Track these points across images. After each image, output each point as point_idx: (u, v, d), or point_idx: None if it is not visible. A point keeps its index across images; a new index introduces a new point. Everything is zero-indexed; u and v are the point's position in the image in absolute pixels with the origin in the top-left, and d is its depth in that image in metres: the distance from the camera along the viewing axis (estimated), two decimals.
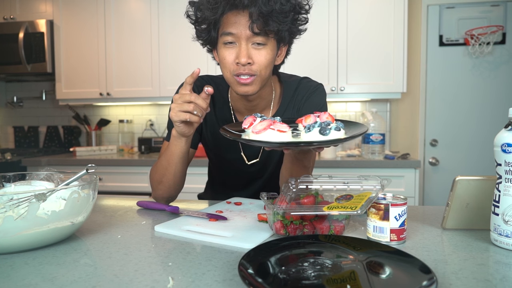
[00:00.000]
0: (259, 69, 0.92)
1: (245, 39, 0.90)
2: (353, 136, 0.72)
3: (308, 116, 0.77)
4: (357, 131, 0.76)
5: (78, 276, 0.55)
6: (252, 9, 0.86)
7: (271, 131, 0.70)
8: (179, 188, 1.04)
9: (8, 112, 3.42)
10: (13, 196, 0.61)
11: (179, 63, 2.73)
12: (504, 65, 2.68)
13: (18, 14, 2.94)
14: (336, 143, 0.70)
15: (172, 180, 1.00)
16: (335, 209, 0.69)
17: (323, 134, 0.70)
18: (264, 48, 0.92)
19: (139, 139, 2.94)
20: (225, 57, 0.93)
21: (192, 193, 1.48)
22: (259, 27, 0.88)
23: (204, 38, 0.98)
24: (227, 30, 0.91)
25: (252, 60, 0.91)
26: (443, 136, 2.79)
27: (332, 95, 2.59)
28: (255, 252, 0.58)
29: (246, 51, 0.90)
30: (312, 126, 0.71)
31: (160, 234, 0.75)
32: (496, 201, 0.67)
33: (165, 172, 0.99)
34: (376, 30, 2.52)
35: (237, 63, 0.91)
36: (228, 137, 0.75)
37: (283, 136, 0.71)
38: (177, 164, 0.97)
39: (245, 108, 1.07)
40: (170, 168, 0.98)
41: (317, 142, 0.68)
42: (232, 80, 0.95)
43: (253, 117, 0.77)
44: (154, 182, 1.03)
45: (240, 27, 0.89)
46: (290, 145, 0.71)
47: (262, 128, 0.71)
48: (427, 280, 0.49)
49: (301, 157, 0.88)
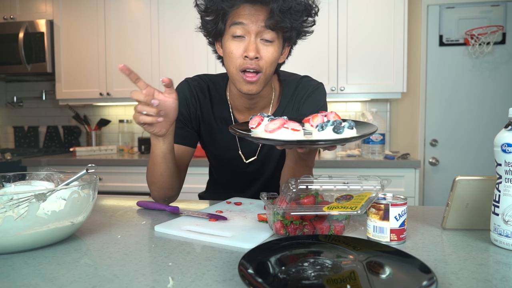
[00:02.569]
0: (265, 65, 0.92)
1: (255, 33, 0.90)
2: (366, 134, 0.72)
3: (315, 115, 0.77)
4: (366, 129, 0.76)
5: (78, 276, 0.54)
6: (273, 5, 0.86)
7: (285, 129, 0.70)
8: (173, 188, 1.02)
9: (8, 112, 3.42)
10: (13, 196, 0.61)
11: (179, 63, 2.73)
12: (504, 65, 2.68)
13: (18, 14, 2.94)
14: (351, 141, 0.71)
15: (161, 181, 0.98)
16: (335, 209, 0.69)
17: (337, 133, 0.69)
18: (272, 45, 0.92)
19: (139, 139, 2.94)
20: (232, 50, 0.92)
21: (192, 193, 1.48)
22: (274, 23, 0.88)
23: (209, 29, 0.96)
24: (238, 20, 0.90)
25: (260, 55, 0.91)
26: (443, 136, 2.79)
27: (332, 95, 2.59)
28: (255, 252, 0.58)
29: (255, 45, 0.90)
30: (325, 124, 0.70)
31: (160, 234, 0.75)
32: (496, 201, 0.67)
33: (153, 172, 0.98)
34: (376, 30, 2.52)
35: (245, 57, 0.91)
36: (244, 137, 0.74)
37: (297, 134, 0.70)
38: (160, 164, 0.95)
39: (244, 106, 1.07)
40: (156, 168, 0.96)
41: (335, 140, 0.68)
42: (238, 77, 0.94)
43: (260, 116, 0.76)
44: (149, 183, 1.02)
45: (253, 19, 0.89)
46: (306, 143, 0.70)
47: (276, 127, 0.70)
48: (427, 280, 0.49)
49: (306, 156, 0.88)
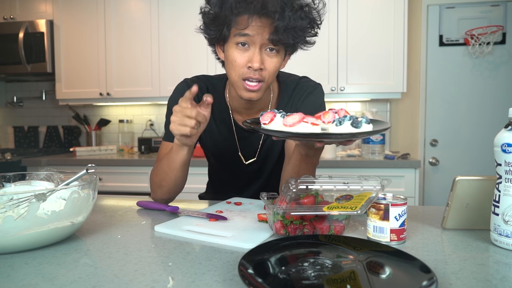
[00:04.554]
0: (268, 75, 0.93)
1: (260, 44, 0.90)
2: (381, 129, 0.73)
3: (326, 112, 0.77)
4: (380, 125, 0.77)
5: (78, 276, 0.54)
6: (279, 23, 0.85)
7: (305, 124, 0.70)
8: (178, 191, 1.04)
9: (8, 112, 3.42)
10: (13, 196, 0.61)
11: (179, 63, 2.73)
12: (504, 65, 2.68)
13: (18, 14, 2.94)
14: (370, 135, 0.72)
15: (172, 185, 0.99)
16: (335, 209, 0.69)
17: (355, 127, 0.69)
18: (276, 56, 0.92)
19: (139, 139, 2.94)
20: (236, 59, 0.91)
21: (192, 193, 1.48)
22: (278, 39, 0.88)
23: (213, 35, 0.95)
24: (244, 32, 0.89)
25: (264, 65, 0.91)
26: (443, 136, 2.79)
27: (332, 95, 2.59)
28: (255, 252, 0.58)
29: (259, 56, 0.90)
30: (343, 119, 0.70)
31: (160, 234, 0.75)
32: (496, 201, 0.67)
33: (165, 176, 0.98)
34: (376, 30, 2.52)
35: (249, 67, 0.90)
36: (264, 132, 0.74)
37: (316, 129, 0.70)
38: (178, 170, 0.96)
39: (243, 107, 1.07)
40: (171, 173, 0.97)
41: (357, 133, 0.68)
42: (239, 84, 0.94)
43: (272, 112, 0.75)
44: (154, 184, 1.02)
45: (259, 31, 0.88)
46: (332, 136, 0.70)
47: (296, 121, 0.70)
48: (427, 280, 0.49)
49: (312, 153, 0.88)
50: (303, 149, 0.86)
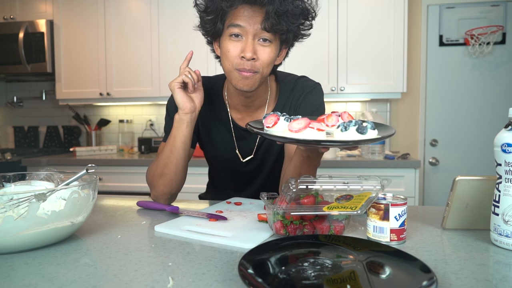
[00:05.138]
0: (262, 66, 0.93)
1: (253, 34, 0.91)
2: (386, 136, 0.72)
3: (329, 115, 0.76)
4: (385, 130, 0.76)
5: (78, 276, 0.54)
6: (269, 7, 0.86)
7: (311, 129, 0.69)
8: (180, 183, 1.03)
9: (8, 112, 3.42)
10: (13, 196, 0.61)
11: (179, 63, 2.72)
12: (504, 65, 2.68)
13: (18, 14, 2.94)
14: (374, 142, 0.71)
15: (174, 171, 0.99)
16: (335, 209, 0.69)
17: (361, 133, 0.69)
18: (269, 45, 0.92)
19: (139, 139, 2.94)
20: (229, 49, 0.92)
21: (192, 193, 1.48)
22: (270, 25, 0.89)
23: (208, 29, 0.97)
24: (236, 22, 0.90)
25: (256, 56, 0.91)
26: (443, 136, 2.79)
27: (332, 95, 2.59)
28: (255, 252, 0.58)
29: (252, 46, 0.90)
30: (348, 125, 0.70)
31: (160, 234, 0.75)
32: (496, 201, 0.67)
33: (168, 161, 0.99)
34: (376, 30, 2.52)
35: (242, 57, 0.91)
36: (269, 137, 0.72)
37: (322, 134, 0.70)
38: (179, 150, 0.98)
39: (241, 104, 1.07)
40: (173, 156, 0.98)
41: (363, 140, 0.67)
42: (234, 74, 0.94)
43: (275, 115, 0.74)
44: (155, 177, 1.02)
45: (250, 21, 0.90)
46: (337, 143, 0.69)
47: (301, 126, 0.69)
48: (427, 280, 0.49)
49: (314, 156, 0.88)
50: (305, 152, 0.86)
